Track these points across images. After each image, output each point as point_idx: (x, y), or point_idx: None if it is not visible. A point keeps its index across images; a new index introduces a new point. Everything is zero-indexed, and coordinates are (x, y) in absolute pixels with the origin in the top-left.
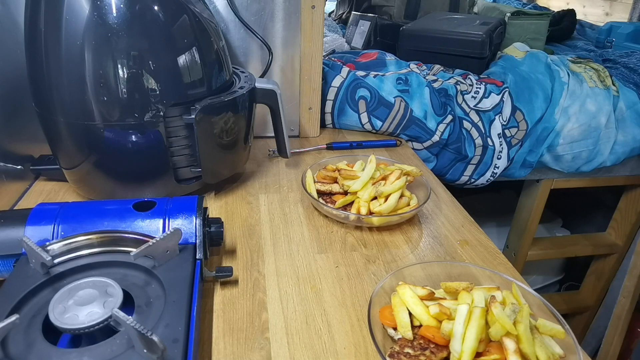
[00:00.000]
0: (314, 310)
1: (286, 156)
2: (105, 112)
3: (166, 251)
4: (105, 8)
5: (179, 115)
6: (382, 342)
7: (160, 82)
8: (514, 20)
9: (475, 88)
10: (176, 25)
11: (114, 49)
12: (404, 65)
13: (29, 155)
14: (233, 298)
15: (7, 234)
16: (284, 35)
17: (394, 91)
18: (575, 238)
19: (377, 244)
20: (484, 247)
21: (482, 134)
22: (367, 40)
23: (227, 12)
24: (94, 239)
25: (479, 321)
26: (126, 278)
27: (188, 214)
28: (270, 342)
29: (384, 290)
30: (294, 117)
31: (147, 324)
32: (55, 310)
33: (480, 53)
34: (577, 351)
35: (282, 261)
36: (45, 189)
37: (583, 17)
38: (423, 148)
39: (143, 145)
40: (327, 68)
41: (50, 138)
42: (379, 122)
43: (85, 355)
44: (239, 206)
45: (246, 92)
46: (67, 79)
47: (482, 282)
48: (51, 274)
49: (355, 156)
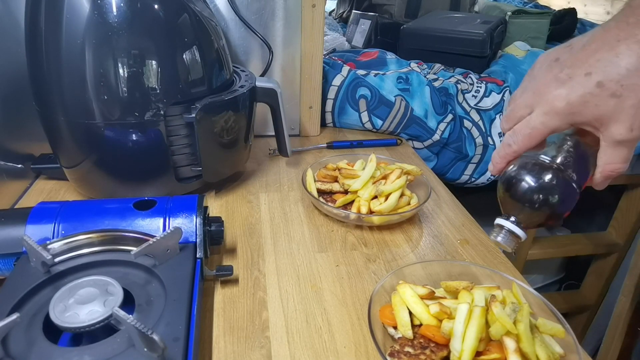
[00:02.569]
0: (314, 309)
1: (287, 155)
2: (106, 110)
3: (167, 250)
4: (105, 7)
5: (180, 114)
6: (382, 341)
7: (160, 81)
8: (514, 19)
9: (476, 87)
10: (176, 24)
11: (115, 48)
12: (404, 64)
13: (30, 154)
14: (233, 297)
15: (7, 233)
16: (284, 34)
17: (395, 90)
18: (575, 237)
19: (378, 243)
20: (484, 246)
21: (482, 133)
22: (368, 39)
23: (227, 10)
24: (95, 237)
25: (479, 320)
26: (127, 277)
27: (188, 212)
28: (271, 341)
29: (384, 289)
30: (295, 116)
31: (147, 323)
32: (56, 309)
33: (481, 52)
34: (577, 350)
35: (283, 260)
36: (46, 187)
37: (584, 15)
38: (423, 147)
39: (143, 144)
40: (328, 67)
41: (51, 137)
42: (380, 121)
43: (86, 353)
44: (240, 205)
45: (247, 91)
46: (68, 78)
47: (483, 281)
48: (52, 272)
49: (355, 155)
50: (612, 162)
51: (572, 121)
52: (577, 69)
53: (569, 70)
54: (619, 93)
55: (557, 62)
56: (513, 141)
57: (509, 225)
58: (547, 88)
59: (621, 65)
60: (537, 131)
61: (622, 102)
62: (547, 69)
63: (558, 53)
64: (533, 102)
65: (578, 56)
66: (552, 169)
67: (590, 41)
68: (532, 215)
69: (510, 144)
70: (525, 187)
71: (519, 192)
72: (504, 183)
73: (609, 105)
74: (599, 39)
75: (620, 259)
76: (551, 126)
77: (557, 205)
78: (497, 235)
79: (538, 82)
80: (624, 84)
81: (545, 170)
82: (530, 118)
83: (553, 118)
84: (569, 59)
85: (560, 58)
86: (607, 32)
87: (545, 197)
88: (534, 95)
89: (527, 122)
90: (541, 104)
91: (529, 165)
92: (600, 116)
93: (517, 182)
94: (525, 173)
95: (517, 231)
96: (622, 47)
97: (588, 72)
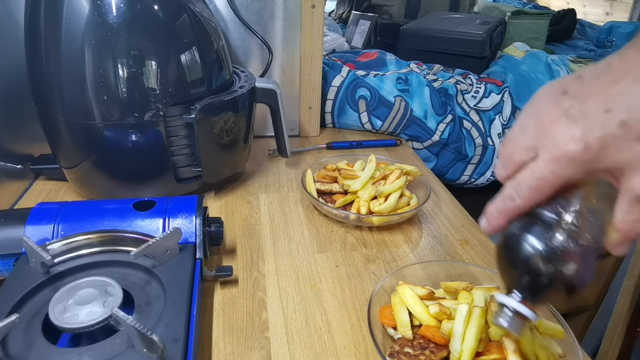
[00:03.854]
0: (313, 310)
1: (286, 156)
2: (105, 111)
3: (166, 250)
4: (105, 7)
5: (179, 115)
6: (382, 341)
7: (160, 81)
8: (514, 19)
9: (475, 87)
10: (176, 24)
11: (114, 49)
12: (404, 64)
13: (29, 155)
14: (233, 297)
15: (7, 234)
16: (284, 35)
17: (394, 91)
18: None
19: (377, 244)
20: (484, 247)
21: (482, 133)
22: (367, 40)
23: (227, 11)
24: (94, 238)
25: (479, 321)
26: (126, 277)
27: (188, 213)
28: (270, 342)
29: (384, 290)
30: (294, 117)
31: (147, 324)
32: (55, 310)
33: (480, 52)
34: (577, 351)
35: (282, 261)
36: (45, 188)
37: (583, 16)
38: (423, 147)
39: (143, 145)
40: (327, 67)
41: (50, 137)
42: (379, 122)
43: (85, 354)
44: (239, 206)
45: (246, 91)
46: (67, 78)
47: (482, 282)
48: (51, 273)
49: (355, 156)
50: (631, 220)
51: (589, 169)
52: (593, 104)
53: (582, 105)
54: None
55: (566, 95)
56: (517, 194)
57: (514, 305)
58: (555, 127)
59: None
60: (546, 182)
61: None
62: (553, 103)
63: (565, 85)
64: (538, 144)
65: (592, 89)
66: (565, 230)
67: (606, 71)
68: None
69: (514, 197)
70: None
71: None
72: (505, 249)
73: (635, 151)
74: (617, 69)
75: (619, 259)
76: (564, 176)
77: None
78: (499, 317)
79: (543, 119)
80: None
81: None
82: (537, 166)
83: (565, 165)
84: (581, 92)
85: (570, 91)
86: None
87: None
88: (539, 135)
89: (532, 171)
90: (549, 148)
91: (535, 225)
92: (622, 164)
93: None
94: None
95: (525, 312)
96: None
97: (608, 108)
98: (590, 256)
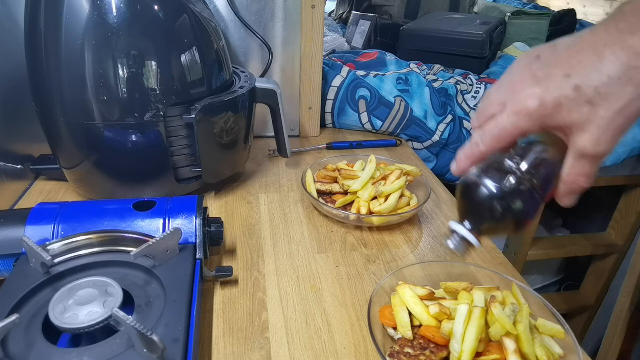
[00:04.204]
0: (313, 310)
1: (286, 156)
2: (105, 111)
3: (166, 251)
4: (105, 7)
5: (179, 115)
6: (381, 341)
7: (160, 81)
8: (514, 19)
9: (475, 88)
10: (176, 24)
11: (114, 49)
12: (404, 64)
13: (29, 155)
14: (233, 297)
15: (7, 234)
16: (284, 35)
17: (394, 91)
18: (575, 238)
19: (377, 244)
20: (483, 247)
21: None
22: (367, 40)
23: (227, 11)
24: (94, 238)
25: (479, 321)
26: (126, 277)
27: (188, 213)
28: (270, 342)
29: (384, 290)
30: (294, 117)
31: (147, 324)
32: (55, 310)
33: (480, 53)
34: (577, 351)
35: (282, 261)
36: (45, 188)
37: (583, 16)
38: (423, 148)
39: (143, 145)
40: (327, 67)
41: (50, 137)
42: (379, 122)
43: (85, 354)
44: (239, 206)
45: (246, 91)
46: (67, 79)
47: (482, 282)
48: (51, 273)
49: (355, 156)
50: (574, 174)
51: (543, 124)
52: (556, 69)
53: (547, 69)
54: (594, 101)
55: (538, 59)
56: (481, 141)
57: (462, 232)
58: (521, 86)
59: (603, 71)
60: (506, 132)
61: (594, 111)
62: (525, 65)
63: (541, 50)
64: (506, 99)
65: (560, 56)
66: (516, 176)
67: (575, 43)
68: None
69: (479, 143)
70: (485, 193)
71: (478, 197)
72: (464, 186)
73: (582, 112)
74: (586, 41)
75: (619, 260)
76: (521, 127)
77: (516, 215)
78: (448, 239)
79: (514, 78)
80: (601, 91)
81: (508, 177)
82: (501, 117)
83: (523, 118)
84: (551, 57)
85: (542, 55)
86: (595, 35)
87: (504, 206)
88: (508, 92)
89: (496, 121)
90: (513, 102)
91: (492, 169)
92: (571, 123)
93: (477, 187)
94: (486, 177)
95: (470, 239)
96: (607, 52)
97: (567, 73)
98: (533, 200)
